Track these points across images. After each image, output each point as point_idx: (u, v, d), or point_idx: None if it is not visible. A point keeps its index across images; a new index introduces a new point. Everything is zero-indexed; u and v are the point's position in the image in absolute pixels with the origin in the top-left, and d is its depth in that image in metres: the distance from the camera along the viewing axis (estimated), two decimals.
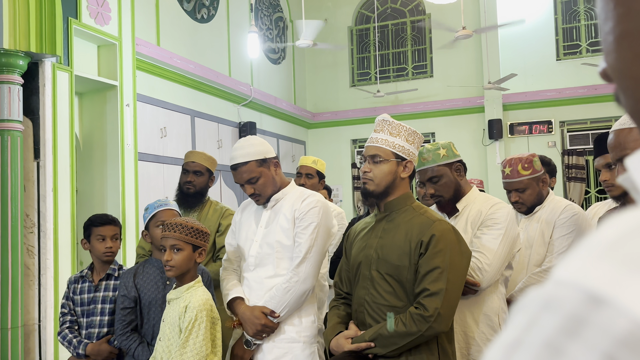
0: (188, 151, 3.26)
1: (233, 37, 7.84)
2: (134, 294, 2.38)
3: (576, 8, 9.16)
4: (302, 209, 2.20)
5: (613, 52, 0.39)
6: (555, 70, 9.05)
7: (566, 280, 0.30)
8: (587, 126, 8.93)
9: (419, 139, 2.03)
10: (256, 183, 2.23)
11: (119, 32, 4.72)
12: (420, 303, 1.81)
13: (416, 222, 1.92)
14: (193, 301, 2.09)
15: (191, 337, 2.03)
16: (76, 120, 4.61)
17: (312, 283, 2.19)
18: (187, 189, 3.08)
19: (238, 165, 2.23)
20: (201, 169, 3.13)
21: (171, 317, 2.11)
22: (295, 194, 2.29)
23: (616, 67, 0.39)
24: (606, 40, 0.39)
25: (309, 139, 10.35)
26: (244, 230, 2.34)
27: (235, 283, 2.32)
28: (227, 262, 2.42)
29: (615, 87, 0.41)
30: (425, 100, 9.69)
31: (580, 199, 8.68)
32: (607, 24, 0.38)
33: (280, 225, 2.23)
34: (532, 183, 2.57)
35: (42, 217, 3.84)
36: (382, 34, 10.23)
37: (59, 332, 2.57)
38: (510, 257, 2.20)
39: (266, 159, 2.26)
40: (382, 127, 2.01)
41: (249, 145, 2.26)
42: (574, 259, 0.31)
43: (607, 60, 0.40)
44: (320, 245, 2.19)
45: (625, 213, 0.32)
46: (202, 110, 7.05)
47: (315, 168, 3.69)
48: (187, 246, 2.12)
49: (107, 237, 2.57)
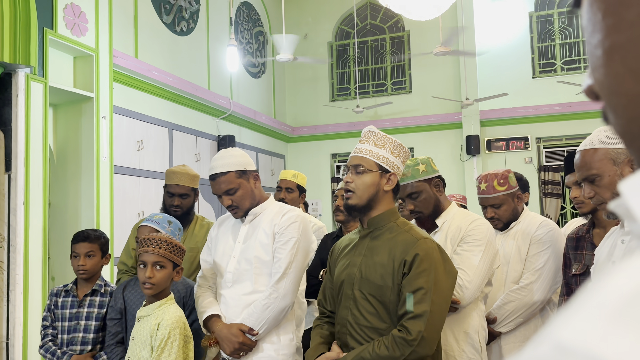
0: (169, 170, 3.10)
1: (213, 50, 7.82)
2: (120, 306, 2.36)
3: (551, 27, 9.36)
4: (282, 223, 2.17)
5: (602, 67, 0.35)
6: (531, 87, 9.21)
7: (571, 347, 0.24)
8: (563, 142, 9.08)
9: (404, 153, 1.98)
10: (234, 195, 2.18)
11: (96, 44, 4.66)
12: (404, 326, 1.73)
13: (400, 239, 1.85)
14: (166, 318, 2.04)
15: (163, 355, 1.98)
16: (50, 132, 4.52)
17: (292, 299, 2.15)
18: (175, 212, 2.98)
19: (217, 175, 2.19)
20: (186, 191, 3.02)
21: (142, 334, 2.06)
22: (274, 209, 2.25)
23: (605, 84, 0.36)
24: (594, 54, 0.36)
25: (288, 153, 10.33)
26: (221, 246, 2.28)
27: (211, 300, 2.26)
28: (202, 279, 2.36)
29: (604, 105, 0.37)
30: (404, 116, 9.77)
31: (556, 214, 8.80)
32: (595, 36, 0.35)
33: (259, 240, 2.18)
34: (508, 199, 2.58)
35: (12, 231, 3.74)
36: (361, 49, 10.31)
37: (40, 346, 2.49)
38: (491, 273, 2.19)
39: (246, 171, 2.22)
40: (367, 137, 1.97)
41: (229, 156, 2.22)
42: (579, 318, 0.25)
43: (594, 76, 0.37)
44: (300, 261, 2.16)
45: (636, 260, 0.27)
46: (180, 123, 6.99)
47: (295, 182, 3.66)
48: (169, 264, 2.09)
49: (80, 255, 2.52)
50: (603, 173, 1.59)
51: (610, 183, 1.59)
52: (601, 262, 1.70)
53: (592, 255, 2.13)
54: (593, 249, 2.13)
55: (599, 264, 1.73)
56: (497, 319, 2.49)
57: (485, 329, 2.23)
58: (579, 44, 9.21)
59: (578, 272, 2.17)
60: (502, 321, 2.49)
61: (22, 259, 3.75)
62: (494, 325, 2.49)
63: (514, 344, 2.50)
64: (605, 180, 1.59)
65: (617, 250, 1.63)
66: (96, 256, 2.55)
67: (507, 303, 2.48)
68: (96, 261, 2.55)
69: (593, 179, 1.60)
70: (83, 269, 2.50)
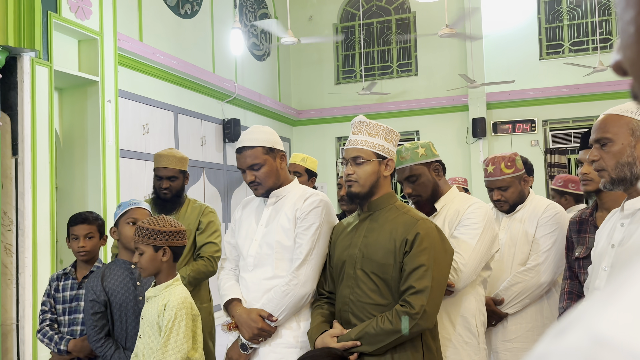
0: (156, 154, 3.11)
1: (217, 33, 7.77)
2: (103, 298, 2.34)
3: (559, 8, 9.24)
4: (304, 208, 2.13)
5: (634, 44, 0.34)
6: (538, 69, 9.12)
7: (612, 341, 0.23)
8: (569, 125, 9.02)
9: (396, 137, 2.04)
10: (258, 170, 2.15)
11: (100, 27, 4.64)
12: (406, 300, 1.81)
13: (400, 220, 1.93)
14: (172, 300, 2.08)
15: (172, 335, 2.03)
16: (56, 116, 4.52)
17: (312, 286, 2.12)
18: (164, 194, 3.01)
19: (244, 148, 2.16)
20: (174, 173, 3.03)
21: (150, 314, 2.10)
22: (297, 193, 2.21)
23: (637, 62, 0.34)
24: (626, 30, 0.34)
25: (293, 136, 10.32)
26: (244, 229, 2.27)
27: (233, 284, 2.25)
28: (226, 262, 2.36)
29: (633, 82, 0.36)
30: (409, 99, 9.71)
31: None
32: (628, 12, 0.33)
33: (281, 224, 2.16)
34: (515, 181, 2.58)
35: (21, 214, 3.77)
36: (367, 31, 10.23)
37: (38, 330, 2.52)
38: (488, 257, 2.19)
39: (274, 149, 2.19)
40: (359, 128, 2.01)
41: (259, 132, 2.20)
42: (618, 310, 0.24)
43: (624, 53, 0.35)
44: (321, 247, 2.13)
45: None
46: (185, 106, 6.98)
47: (304, 166, 3.64)
48: (148, 248, 2.11)
49: (80, 237, 2.54)
50: (617, 140, 1.56)
51: (619, 152, 1.55)
52: (601, 246, 1.69)
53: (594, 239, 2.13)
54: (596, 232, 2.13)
55: (599, 247, 1.72)
56: (504, 300, 2.50)
57: (484, 314, 2.23)
58: (587, 25, 9.09)
59: (581, 255, 2.17)
60: (509, 302, 2.50)
61: (31, 242, 3.79)
62: (501, 306, 2.51)
63: (520, 324, 2.51)
64: (615, 147, 1.56)
65: (617, 233, 1.62)
66: (95, 237, 2.58)
67: (515, 284, 2.49)
68: (95, 242, 2.58)
69: (605, 142, 1.58)
70: (84, 250, 2.53)
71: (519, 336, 2.50)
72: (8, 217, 3.75)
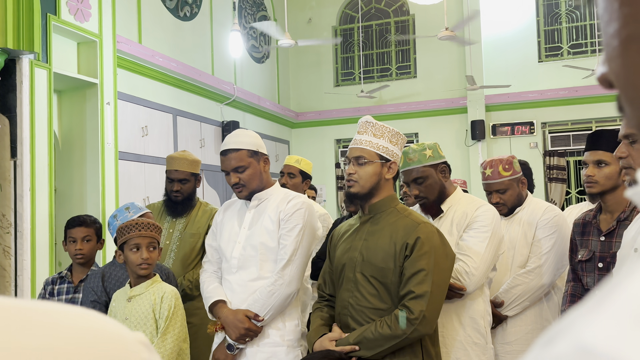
0: (169, 156, 3.09)
1: (216, 35, 7.78)
2: (105, 299, 2.34)
3: (558, 10, 9.26)
4: (287, 210, 2.18)
5: (618, 57, 0.34)
6: (537, 71, 9.13)
7: (596, 350, 0.23)
8: (568, 127, 9.03)
9: (402, 140, 2.03)
10: (243, 173, 2.21)
11: (99, 29, 4.64)
12: (406, 305, 1.80)
13: (401, 224, 1.91)
14: (168, 291, 2.14)
15: (171, 324, 2.09)
16: (55, 119, 4.52)
17: (297, 286, 2.16)
18: (176, 197, 2.99)
19: (229, 150, 2.22)
20: (185, 176, 3.01)
21: (138, 312, 2.12)
22: (280, 195, 2.26)
23: (621, 75, 0.34)
24: (610, 44, 0.34)
25: (292, 139, 10.32)
26: (226, 232, 2.30)
27: (217, 286, 2.27)
28: (207, 264, 2.37)
29: (619, 95, 0.36)
30: (408, 101, 9.72)
31: (561, 199, 8.78)
32: (612, 25, 0.33)
33: (264, 226, 2.20)
34: (513, 184, 2.58)
35: (19, 217, 3.76)
36: (366, 34, 10.24)
37: None
38: (497, 259, 2.20)
39: (257, 152, 2.25)
40: (365, 128, 2.01)
41: (244, 135, 2.27)
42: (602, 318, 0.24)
43: (609, 65, 0.35)
44: (305, 247, 2.17)
45: None
46: (184, 109, 6.98)
47: (298, 167, 3.64)
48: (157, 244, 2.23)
49: (77, 239, 2.53)
50: None
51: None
52: (625, 249, 1.65)
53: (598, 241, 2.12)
54: (599, 235, 2.12)
55: (623, 250, 1.67)
56: (505, 302, 2.50)
57: (490, 314, 2.24)
58: (586, 27, 9.11)
59: (584, 258, 2.16)
60: (509, 305, 2.50)
61: (29, 245, 3.78)
62: (500, 308, 2.51)
63: (519, 327, 2.51)
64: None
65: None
66: (92, 240, 2.57)
67: (514, 287, 2.49)
68: (92, 245, 2.57)
69: (636, 139, 1.53)
70: (81, 254, 2.52)
71: (518, 339, 2.50)
72: (7, 219, 3.74)
